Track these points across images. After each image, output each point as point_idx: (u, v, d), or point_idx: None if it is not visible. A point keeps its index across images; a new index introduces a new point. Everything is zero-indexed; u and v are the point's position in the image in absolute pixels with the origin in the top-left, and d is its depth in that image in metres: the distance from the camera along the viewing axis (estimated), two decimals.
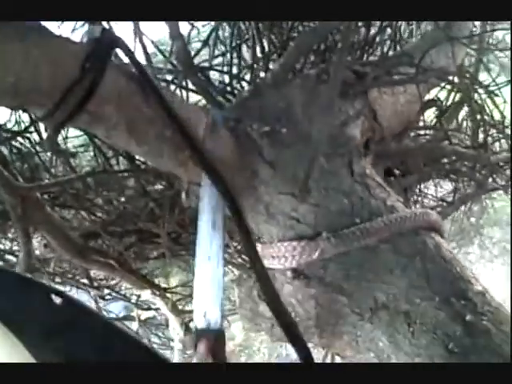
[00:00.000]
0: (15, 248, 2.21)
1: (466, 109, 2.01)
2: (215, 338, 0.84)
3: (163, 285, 2.29)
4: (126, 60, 0.84)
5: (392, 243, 0.96)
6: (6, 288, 0.65)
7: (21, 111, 1.57)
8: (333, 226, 0.97)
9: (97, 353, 0.59)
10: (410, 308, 0.89)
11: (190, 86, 1.38)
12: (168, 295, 2.24)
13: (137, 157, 1.69)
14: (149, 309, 2.56)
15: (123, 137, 0.86)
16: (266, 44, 1.43)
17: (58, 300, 0.61)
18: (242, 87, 1.50)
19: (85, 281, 2.26)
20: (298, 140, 1.04)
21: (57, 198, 1.97)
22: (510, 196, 2.22)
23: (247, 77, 1.56)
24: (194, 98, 1.53)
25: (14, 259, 2.10)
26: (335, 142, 1.05)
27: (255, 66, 1.38)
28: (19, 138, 1.84)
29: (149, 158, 0.97)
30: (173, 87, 1.47)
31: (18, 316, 0.60)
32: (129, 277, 1.84)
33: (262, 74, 1.48)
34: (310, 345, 1.05)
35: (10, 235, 2.23)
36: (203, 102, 1.45)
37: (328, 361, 1.63)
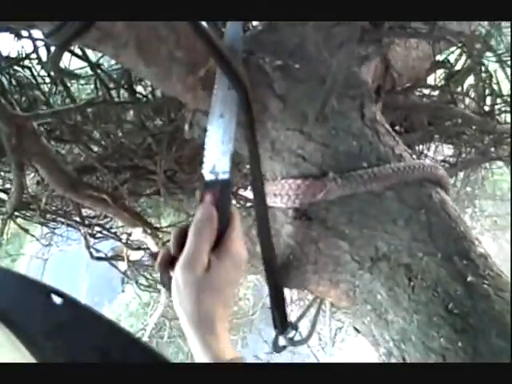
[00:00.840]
0: (7, 186, 2.21)
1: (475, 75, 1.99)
2: (221, 189, 0.84)
3: (155, 225, 2.29)
4: None
5: (398, 192, 0.94)
6: (5, 288, 0.65)
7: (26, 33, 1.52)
8: (340, 167, 0.94)
9: (97, 353, 0.59)
10: (411, 261, 0.88)
11: None
12: (159, 235, 2.24)
13: (138, 90, 1.67)
14: (138, 249, 2.56)
15: (132, 56, 0.83)
16: None
17: (58, 300, 0.61)
18: None
19: (76, 218, 2.25)
20: (311, 77, 1.01)
21: (53, 131, 1.94)
22: (509, 170, 2.24)
23: None
24: None
25: (5, 197, 2.10)
26: (347, 84, 1.01)
27: None
28: (19, 69, 1.81)
29: (157, 80, 0.93)
30: None
31: (17, 316, 0.60)
32: (121, 213, 1.82)
33: None
34: (305, 291, 1.06)
35: (2, 173, 2.22)
36: None
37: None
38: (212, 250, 0.81)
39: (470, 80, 2.00)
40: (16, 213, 2.06)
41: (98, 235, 2.45)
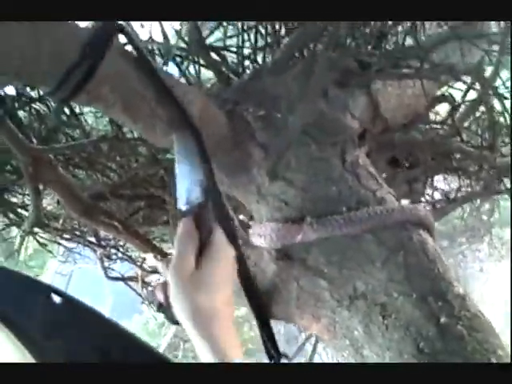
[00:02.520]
0: (27, 202, 2.28)
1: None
2: (198, 208, 0.87)
3: (171, 250, 2.33)
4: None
5: (376, 234, 0.98)
6: (5, 287, 0.65)
7: None
8: (318, 212, 1.00)
9: (97, 352, 0.60)
10: (387, 301, 0.91)
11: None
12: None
13: None
14: (153, 272, 2.60)
15: (120, 114, 0.91)
16: (278, 26, 1.45)
17: (58, 299, 0.62)
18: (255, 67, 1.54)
19: (92, 239, 2.32)
20: (291, 126, 1.06)
21: (70, 159, 2.03)
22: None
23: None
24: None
25: (25, 213, 2.17)
26: (329, 131, 1.08)
27: (267, 48, 1.41)
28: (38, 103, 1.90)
29: (143, 133, 1.01)
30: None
31: (17, 316, 0.61)
32: (132, 239, 1.90)
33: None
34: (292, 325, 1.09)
35: (22, 190, 2.29)
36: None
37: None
38: (200, 255, 0.86)
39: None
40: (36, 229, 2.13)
41: (114, 257, 2.52)
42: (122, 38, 0.86)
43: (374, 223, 0.98)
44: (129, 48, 0.89)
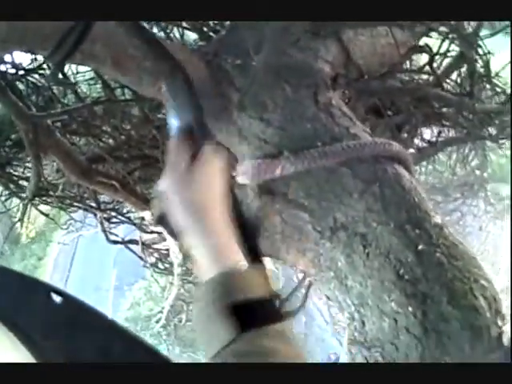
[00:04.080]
0: (28, 174, 2.36)
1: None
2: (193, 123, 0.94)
3: None
4: None
5: (351, 168, 1.02)
6: (5, 287, 0.64)
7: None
8: (295, 148, 1.05)
9: (97, 352, 0.59)
10: (366, 231, 0.95)
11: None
12: None
13: None
14: (151, 232, 2.67)
15: (111, 69, 1.02)
16: None
17: (57, 299, 0.61)
18: None
19: (92, 204, 2.41)
20: (265, 71, 1.15)
21: (67, 125, 2.11)
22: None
23: None
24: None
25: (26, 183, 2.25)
26: (302, 74, 1.16)
27: None
28: (35, 75, 1.98)
29: (132, 85, 1.12)
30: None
31: (17, 315, 0.60)
32: (130, 198, 1.99)
33: None
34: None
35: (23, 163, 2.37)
36: None
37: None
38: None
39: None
40: (37, 199, 2.22)
41: (114, 220, 2.60)
42: None
43: (347, 156, 1.02)
44: None
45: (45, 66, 1.85)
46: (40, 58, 1.87)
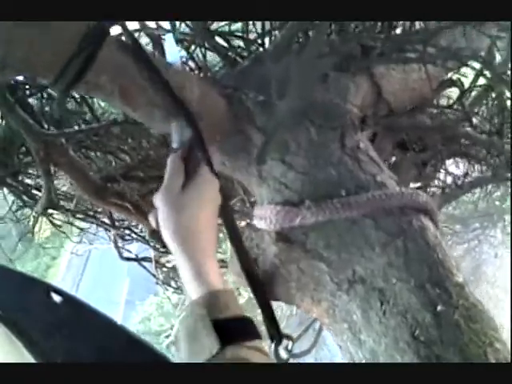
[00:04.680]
0: (41, 182, 2.32)
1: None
2: (189, 146, 0.98)
3: None
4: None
5: (375, 219, 0.98)
6: (5, 287, 0.65)
7: None
8: (317, 195, 1.01)
9: (97, 352, 0.59)
10: (385, 286, 0.91)
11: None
12: None
13: None
14: (165, 252, 2.63)
15: (119, 102, 0.95)
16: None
17: (57, 298, 0.62)
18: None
19: (105, 220, 2.36)
20: (289, 110, 1.07)
21: (83, 141, 2.06)
22: None
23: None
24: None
25: (39, 194, 2.20)
26: (328, 115, 1.09)
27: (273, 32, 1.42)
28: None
29: (143, 120, 1.06)
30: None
31: (17, 315, 0.60)
32: (143, 221, 1.93)
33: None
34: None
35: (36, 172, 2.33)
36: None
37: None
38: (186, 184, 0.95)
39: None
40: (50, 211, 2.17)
41: (127, 238, 2.55)
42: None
43: (372, 207, 0.98)
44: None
45: None
46: None
